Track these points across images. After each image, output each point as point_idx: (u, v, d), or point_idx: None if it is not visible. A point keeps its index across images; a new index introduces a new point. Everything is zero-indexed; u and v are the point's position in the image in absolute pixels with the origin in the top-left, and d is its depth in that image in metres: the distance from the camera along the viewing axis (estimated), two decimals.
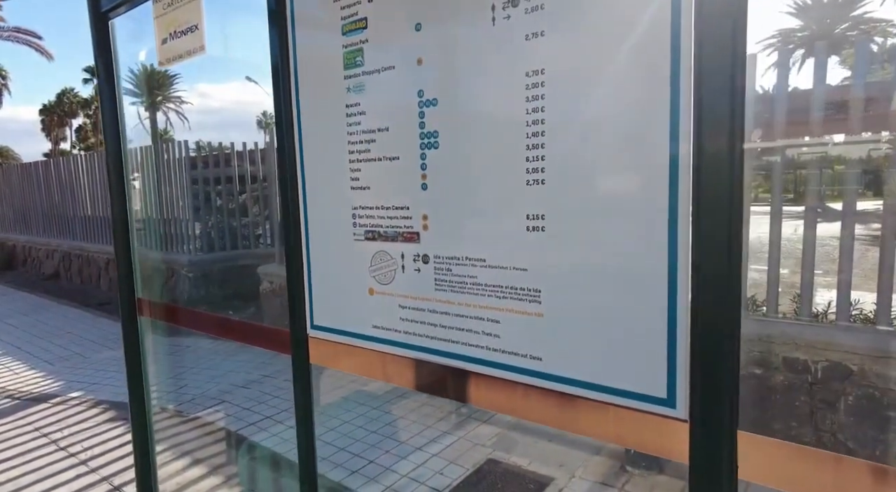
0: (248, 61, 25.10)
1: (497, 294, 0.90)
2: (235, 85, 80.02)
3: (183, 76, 34.41)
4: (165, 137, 32.84)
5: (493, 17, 0.84)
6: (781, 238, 2.84)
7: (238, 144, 6.79)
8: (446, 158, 0.94)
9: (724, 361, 0.69)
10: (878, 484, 0.60)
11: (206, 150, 6.93)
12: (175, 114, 37.32)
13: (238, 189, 6.84)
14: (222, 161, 6.73)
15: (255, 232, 6.95)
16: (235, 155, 6.76)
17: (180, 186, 6.54)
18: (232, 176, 6.76)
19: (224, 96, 76.23)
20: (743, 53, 0.64)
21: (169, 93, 35.94)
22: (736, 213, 0.65)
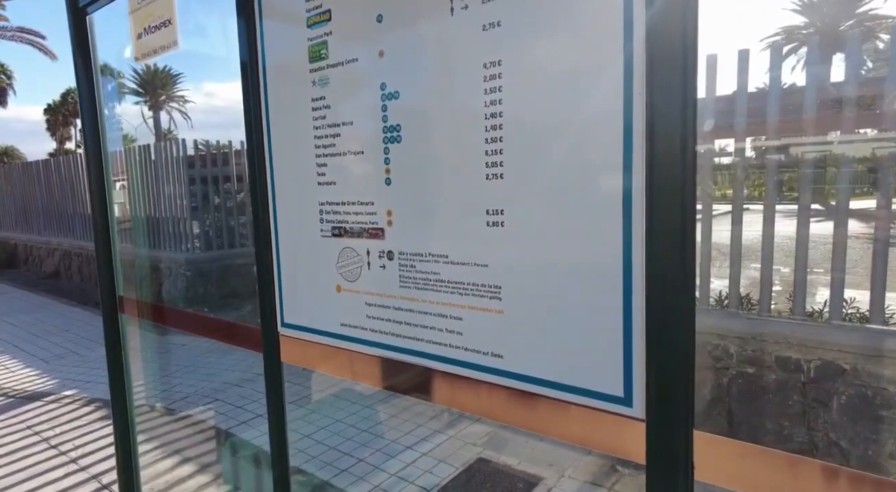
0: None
1: (459, 291, 0.89)
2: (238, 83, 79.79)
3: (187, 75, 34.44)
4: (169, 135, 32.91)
5: (452, 8, 0.82)
6: (783, 237, 2.81)
7: (236, 144, 6.79)
8: (409, 152, 0.92)
9: (679, 361, 0.67)
10: (830, 484, 0.58)
11: (205, 148, 6.93)
12: (179, 113, 37.37)
13: (236, 188, 6.84)
14: (220, 160, 6.73)
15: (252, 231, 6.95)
16: (234, 154, 6.76)
17: (178, 185, 6.54)
18: (230, 175, 6.77)
19: (229, 95, 76.46)
20: (694, 48, 0.62)
21: (172, 92, 36.01)
22: (688, 213, 0.64)
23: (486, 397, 0.87)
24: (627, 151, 0.68)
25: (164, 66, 32.94)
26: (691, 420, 0.68)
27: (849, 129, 2.63)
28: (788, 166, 3.55)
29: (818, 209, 2.90)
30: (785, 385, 2.62)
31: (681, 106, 0.63)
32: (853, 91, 2.53)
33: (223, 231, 6.69)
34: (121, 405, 1.82)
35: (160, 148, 6.85)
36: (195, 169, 6.58)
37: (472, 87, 0.81)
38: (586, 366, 0.75)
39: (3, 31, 25.86)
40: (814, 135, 2.72)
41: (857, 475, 0.58)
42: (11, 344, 5.06)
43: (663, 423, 0.69)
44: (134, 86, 31.58)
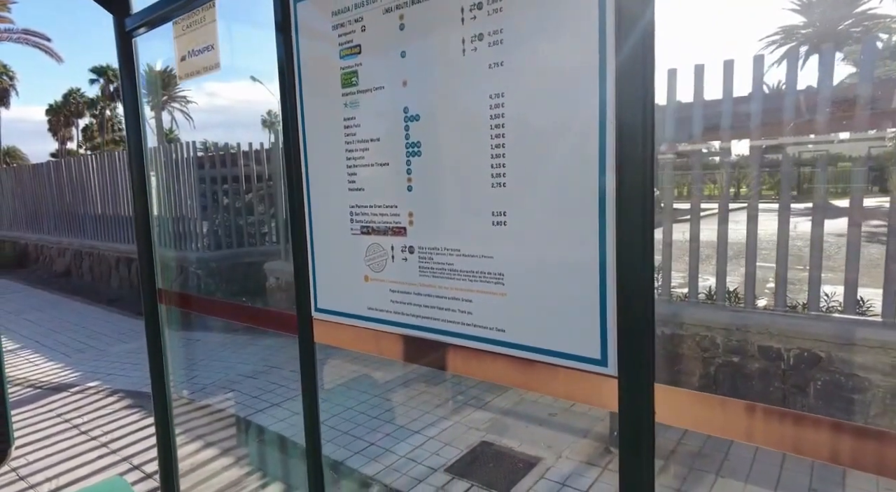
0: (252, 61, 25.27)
1: (469, 278, 1.08)
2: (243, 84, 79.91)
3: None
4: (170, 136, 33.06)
5: (464, 49, 1.02)
6: (766, 235, 3.00)
7: (244, 144, 6.99)
8: (428, 164, 1.12)
9: (642, 328, 0.86)
10: (749, 417, 0.78)
11: (213, 150, 7.13)
12: (181, 113, 37.47)
13: (244, 188, 7.04)
14: (228, 161, 6.93)
15: (260, 230, 7.15)
16: (241, 155, 6.96)
17: (188, 186, 6.74)
18: (238, 175, 6.97)
19: (231, 95, 76.44)
20: (651, 78, 0.82)
21: (174, 92, 36.14)
22: (648, 211, 0.83)
23: (490, 365, 1.07)
24: (602, 163, 0.87)
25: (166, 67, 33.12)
26: (652, 376, 0.87)
27: (827, 130, 2.83)
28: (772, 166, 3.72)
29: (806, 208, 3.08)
30: (766, 373, 2.82)
31: (641, 124, 0.82)
32: (829, 95, 2.72)
33: (232, 231, 6.89)
34: (161, 390, 2.01)
35: (170, 149, 7.05)
36: (204, 170, 6.78)
37: (479, 114, 1.01)
38: (571, 335, 0.95)
39: (9, 34, 26.03)
40: (794, 136, 2.91)
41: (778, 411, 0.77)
42: (32, 339, 5.27)
43: (631, 378, 0.88)
44: None
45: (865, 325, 2.60)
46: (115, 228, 8.55)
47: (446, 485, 2.51)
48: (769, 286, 6.00)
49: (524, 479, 2.55)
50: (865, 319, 2.69)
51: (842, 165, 10.97)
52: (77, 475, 2.68)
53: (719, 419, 0.81)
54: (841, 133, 2.98)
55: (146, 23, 1.76)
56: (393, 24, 1.13)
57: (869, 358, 2.48)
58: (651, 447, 0.89)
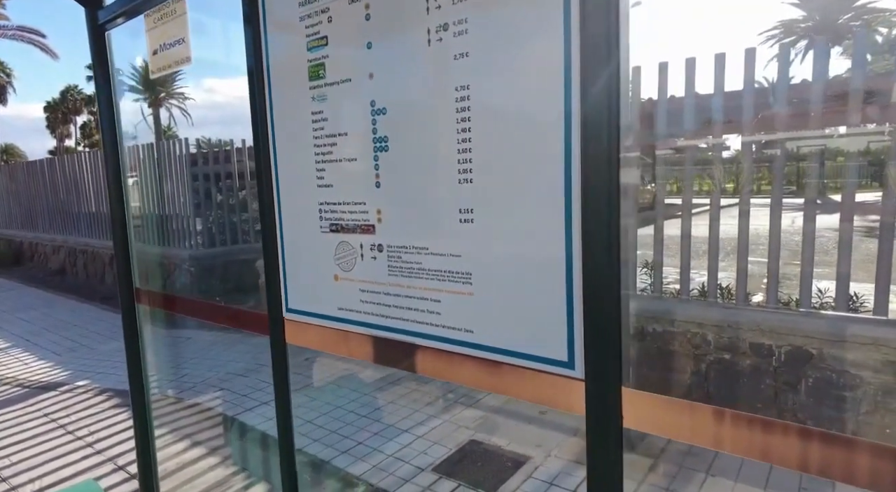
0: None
1: (438, 277, 1.05)
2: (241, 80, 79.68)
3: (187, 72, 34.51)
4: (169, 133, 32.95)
5: (429, 40, 0.98)
6: (764, 231, 2.96)
7: (238, 141, 6.95)
8: (395, 160, 1.08)
9: (610, 331, 0.83)
10: (718, 423, 0.74)
11: (207, 146, 7.08)
12: (179, 110, 37.38)
13: (238, 185, 6.99)
14: (222, 158, 6.89)
15: (254, 227, 7.11)
16: (235, 152, 6.92)
17: (181, 183, 6.70)
18: (232, 172, 6.92)
19: (230, 91, 76.31)
20: (617, 71, 0.78)
21: (172, 89, 36.02)
22: (614, 209, 0.79)
23: (459, 367, 1.03)
24: (567, 160, 0.84)
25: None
26: (620, 379, 0.84)
27: (822, 125, 2.79)
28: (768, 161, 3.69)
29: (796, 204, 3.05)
30: (758, 370, 2.79)
31: (606, 124, 0.79)
32: (820, 90, 2.68)
33: (226, 228, 6.85)
34: (139, 390, 1.98)
35: (163, 147, 7.00)
36: (198, 167, 6.74)
37: (445, 107, 0.97)
38: (539, 337, 0.91)
39: (4, 30, 25.92)
40: (788, 131, 2.87)
41: (747, 417, 0.74)
42: (24, 338, 5.24)
43: (598, 382, 0.85)
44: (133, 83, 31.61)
45: (857, 321, 2.57)
46: (109, 226, 8.50)
47: (433, 485, 2.49)
48: (766, 282, 5.98)
49: (512, 478, 2.52)
50: (857, 316, 2.66)
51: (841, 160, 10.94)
52: (61, 476, 2.66)
53: (688, 425, 0.78)
54: (840, 127, 2.94)
55: (118, 15, 1.72)
56: (359, 14, 1.09)
57: (860, 355, 2.46)
58: (619, 453, 0.86)
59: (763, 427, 0.73)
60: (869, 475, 0.65)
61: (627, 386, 0.83)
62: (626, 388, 0.84)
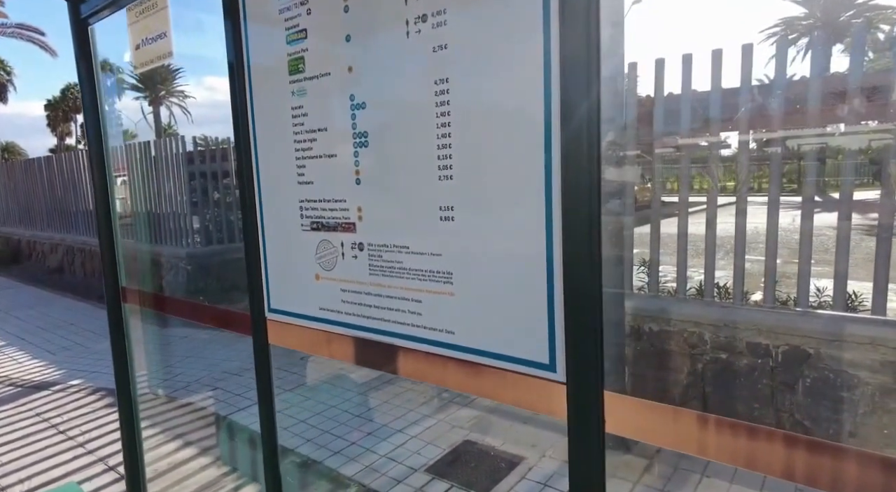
0: None
1: (418, 277, 1.02)
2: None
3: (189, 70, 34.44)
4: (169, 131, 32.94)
5: (408, 31, 0.95)
6: (762, 229, 2.93)
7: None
8: (375, 156, 1.05)
9: (592, 333, 0.80)
10: (702, 429, 0.71)
11: (204, 144, 7.05)
12: (179, 108, 37.37)
13: (235, 183, 6.96)
14: (220, 155, 6.86)
15: None
16: (232, 149, 6.88)
17: (178, 181, 6.67)
18: (229, 170, 6.89)
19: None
20: (597, 65, 0.75)
21: (172, 87, 35.99)
22: (594, 207, 0.76)
23: (440, 368, 1.00)
24: (548, 157, 0.80)
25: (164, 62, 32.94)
26: (602, 382, 0.81)
27: (821, 122, 2.75)
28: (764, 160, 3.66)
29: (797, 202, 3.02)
30: (755, 370, 2.76)
31: (587, 119, 0.76)
32: (820, 87, 2.65)
33: (223, 226, 6.82)
34: (125, 390, 1.96)
35: (160, 144, 6.97)
36: (195, 164, 6.71)
37: (425, 101, 0.94)
38: (519, 339, 0.88)
39: (3, 28, 25.90)
40: (787, 129, 2.84)
41: (730, 423, 0.71)
42: (19, 337, 5.22)
43: (580, 385, 0.82)
44: (133, 81, 31.57)
45: (855, 321, 2.53)
46: (96, 224, 8.48)
47: (425, 486, 2.46)
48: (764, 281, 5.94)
49: (506, 479, 2.50)
50: (855, 316, 2.62)
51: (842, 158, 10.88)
52: (51, 477, 2.63)
53: (671, 431, 0.75)
54: (840, 125, 2.91)
55: (101, 8, 1.69)
56: (337, 6, 1.06)
57: (858, 354, 2.42)
58: (601, 458, 0.83)
59: (748, 434, 0.70)
60: (856, 484, 0.62)
61: (609, 389, 0.81)
62: (608, 391, 0.81)
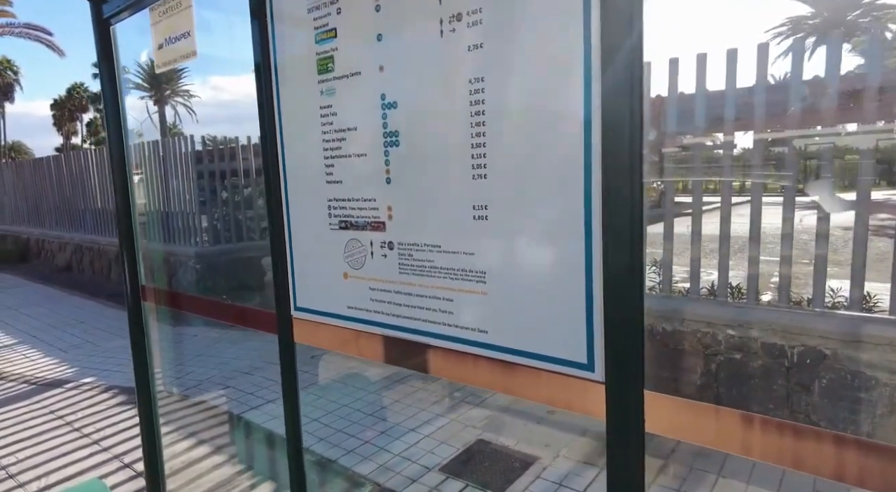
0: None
1: (451, 276, 1.02)
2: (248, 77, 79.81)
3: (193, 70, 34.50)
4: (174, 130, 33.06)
5: (442, 30, 0.95)
6: (770, 229, 2.92)
7: (243, 138, 6.93)
8: (406, 155, 1.05)
9: (632, 332, 0.80)
10: (746, 428, 0.71)
11: (212, 144, 7.08)
12: (184, 108, 37.48)
13: (243, 182, 6.98)
14: (227, 155, 6.87)
15: (260, 225, 7.10)
16: (240, 149, 6.90)
17: (187, 180, 6.70)
18: (237, 169, 6.91)
19: (237, 89, 76.50)
20: (640, 63, 0.75)
21: (178, 87, 36.10)
22: (637, 207, 0.76)
23: (472, 367, 1.01)
24: (587, 155, 0.80)
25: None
26: (642, 382, 0.81)
27: (834, 122, 2.74)
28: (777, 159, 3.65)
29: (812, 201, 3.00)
30: (770, 370, 2.75)
31: (629, 115, 0.75)
32: (836, 85, 2.63)
33: (231, 225, 6.84)
34: (145, 387, 1.97)
35: (168, 144, 7.00)
36: (203, 164, 6.73)
37: (459, 100, 0.94)
38: (556, 338, 0.88)
39: (11, 28, 26.05)
40: (800, 128, 2.82)
41: (777, 423, 0.71)
42: (30, 334, 5.25)
43: (619, 384, 0.82)
44: (139, 80, 31.68)
45: (872, 321, 2.52)
46: (115, 223, 8.52)
47: (440, 485, 2.46)
48: (773, 280, 5.92)
49: (520, 478, 2.50)
50: (872, 316, 2.61)
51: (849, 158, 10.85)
52: (67, 474, 2.65)
53: (713, 430, 0.75)
54: (848, 125, 2.89)
55: (124, 9, 1.70)
56: (369, 6, 1.06)
57: (875, 355, 2.41)
58: (641, 458, 0.83)
59: (795, 434, 0.69)
60: None
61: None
62: (648, 391, 0.81)
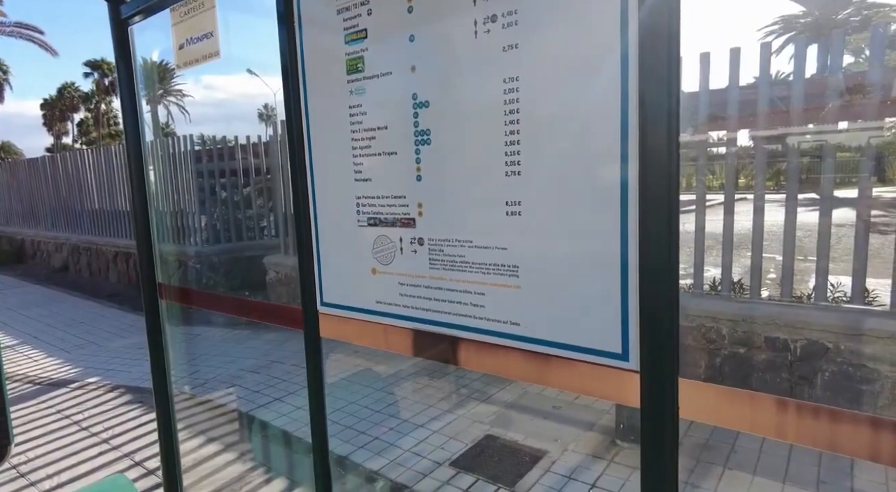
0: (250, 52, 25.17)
1: (482, 270, 1.05)
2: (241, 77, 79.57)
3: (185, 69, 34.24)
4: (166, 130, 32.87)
5: (476, 31, 0.98)
6: (767, 226, 2.96)
7: (242, 138, 6.93)
8: (438, 153, 1.08)
9: (666, 322, 0.83)
10: (781, 413, 0.74)
11: (211, 143, 7.06)
12: (177, 107, 37.27)
13: (242, 182, 6.98)
14: (226, 154, 6.87)
15: (259, 224, 7.10)
16: (239, 148, 6.90)
17: (186, 180, 6.68)
18: (236, 169, 6.90)
19: (230, 88, 76.05)
20: (678, 62, 0.78)
21: (170, 86, 35.88)
22: (673, 201, 0.79)
23: (504, 359, 1.04)
24: (624, 150, 0.83)
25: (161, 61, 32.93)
26: (677, 370, 0.84)
27: (833, 119, 2.79)
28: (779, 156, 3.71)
29: (806, 198, 3.05)
30: (773, 364, 2.80)
31: (666, 113, 0.78)
32: (840, 84, 2.68)
33: (230, 224, 6.84)
34: (162, 386, 1.98)
35: (167, 144, 6.98)
36: (202, 163, 6.72)
37: (493, 99, 0.97)
38: (590, 329, 0.91)
39: (2, 27, 25.78)
40: (802, 125, 2.87)
41: (812, 407, 0.74)
42: (32, 335, 5.23)
43: (654, 373, 0.85)
44: None
45: (873, 315, 2.57)
46: (113, 223, 8.49)
47: (452, 479, 2.49)
48: (770, 277, 5.99)
49: (530, 472, 2.53)
50: (873, 310, 2.67)
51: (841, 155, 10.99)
52: (78, 472, 2.66)
53: (748, 416, 0.78)
54: (840, 123, 2.94)
55: (142, 10, 1.71)
56: (401, 7, 1.09)
57: (877, 348, 2.46)
58: (675, 444, 0.86)
59: (831, 417, 0.73)
60: None
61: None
62: (683, 379, 0.84)
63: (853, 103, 2.84)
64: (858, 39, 15.12)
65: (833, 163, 2.86)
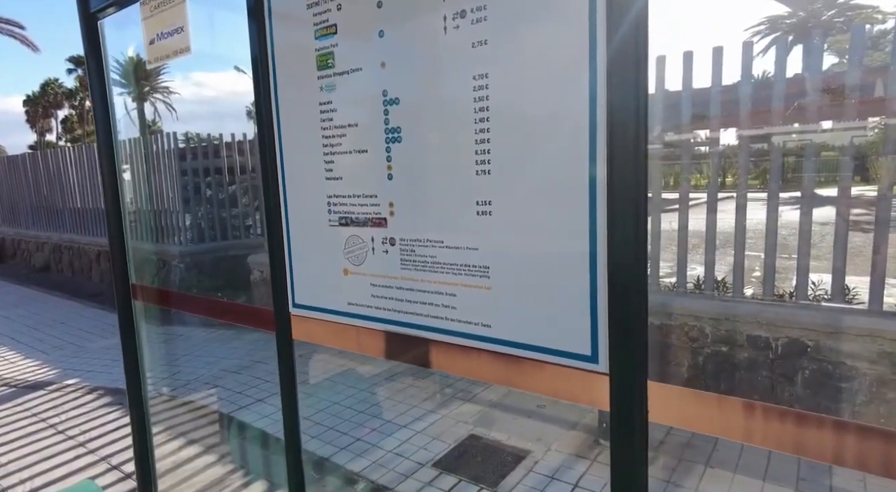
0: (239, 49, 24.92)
1: (453, 271, 1.03)
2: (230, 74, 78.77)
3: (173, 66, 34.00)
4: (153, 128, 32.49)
5: (445, 27, 0.96)
6: (751, 224, 2.98)
7: (229, 136, 6.85)
8: (408, 151, 1.06)
9: (635, 325, 0.81)
10: (748, 416, 0.73)
11: (195, 141, 6.97)
12: (163, 105, 36.85)
13: (227, 180, 6.90)
14: (211, 152, 6.78)
15: (244, 222, 7.03)
16: (224, 146, 6.82)
17: (170, 178, 6.59)
18: (221, 167, 6.83)
19: (219, 86, 75.33)
20: (645, 61, 0.76)
21: (156, 83, 35.47)
22: (641, 201, 0.78)
23: (475, 361, 1.02)
24: (592, 150, 0.82)
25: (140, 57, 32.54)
26: (645, 373, 0.83)
27: (816, 119, 2.80)
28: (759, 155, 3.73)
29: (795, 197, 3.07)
30: (755, 362, 2.81)
31: (635, 112, 0.77)
32: (817, 83, 2.70)
33: (215, 223, 6.76)
34: (136, 387, 1.94)
35: (150, 141, 6.88)
36: (186, 162, 6.63)
37: (462, 96, 0.95)
38: (560, 331, 0.90)
39: None
40: (782, 125, 2.89)
41: (779, 410, 0.73)
42: (9, 337, 5.13)
43: (623, 376, 0.84)
44: (116, 76, 31.03)
45: (853, 313, 2.59)
46: (96, 222, 8.36)
47: (434, 480, 2.48)
48: (755, 275, 6.04)
49: (513, 472, 2.52)
50: (853, 308, 2.69)
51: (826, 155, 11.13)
52: (53, 477, 2.60)
53: (716, 418, 0.77)
54: (824, 122, 2.96)
55: (113, 3, 1.67)
56: (371, 2, 1.06)
57: (856, 346, 2.48)
58: (644, 447, 0.85)
59: (796, 420, 0.72)
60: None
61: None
62: (652, 381, 0.83)
63: (834, 103, 2.86)
64: (843, 40, 15.31)
65: (816, 162, 2.88)
